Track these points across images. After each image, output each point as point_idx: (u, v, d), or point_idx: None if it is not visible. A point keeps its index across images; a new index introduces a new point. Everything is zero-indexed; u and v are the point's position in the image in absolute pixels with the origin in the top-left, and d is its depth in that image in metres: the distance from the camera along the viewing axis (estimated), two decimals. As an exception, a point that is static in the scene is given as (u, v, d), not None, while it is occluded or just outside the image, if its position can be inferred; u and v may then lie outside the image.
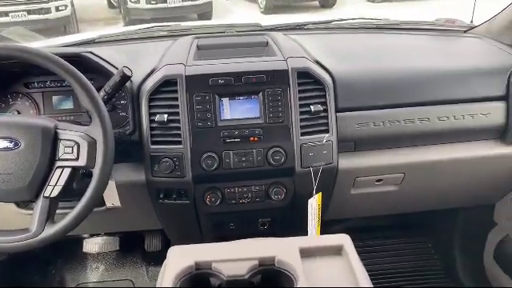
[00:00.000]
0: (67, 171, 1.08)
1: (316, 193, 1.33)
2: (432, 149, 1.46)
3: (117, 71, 1.23)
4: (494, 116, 1.43)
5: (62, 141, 1.08)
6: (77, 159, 1.08)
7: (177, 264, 0.77)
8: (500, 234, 1.78)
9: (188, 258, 0.77)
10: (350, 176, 1.43)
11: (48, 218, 1.09)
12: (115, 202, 1.35)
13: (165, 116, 1.27)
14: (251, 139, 1.29)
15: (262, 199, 1.37)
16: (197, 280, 0.77)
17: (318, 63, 1.40)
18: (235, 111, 1.31)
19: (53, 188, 1.08)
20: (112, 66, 1.33)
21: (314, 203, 1.34)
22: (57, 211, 1.13)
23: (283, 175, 1.34)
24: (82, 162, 1.08)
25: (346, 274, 0.77)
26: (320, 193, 1.34)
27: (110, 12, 10.70)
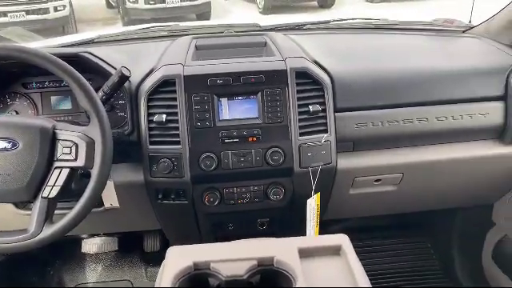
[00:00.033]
0: (65, 172, 1.08)
1: (315, 193, 1.33)
2: (431, 149, 1.46)
3: (115, 71, 1.23)
4: (493, 116, 1.43)
5: (61, 141, 1.08)
6: (75, 160, 1.08)
7: (175, 264, 0.77)
8: (498, 234, 1.78)
9: (187, 259, 0.77)
10: (349, 176, 1.44)
11: (46, 219, 1.09)
12: (114, 203, 1.35)
13: (163, 116, 1.27)
14: (250, 139, 1.29)
15: (261, 199, 1.37)
16: (195, 280, 0.77)
17: (317, 63, 1.40)
18: (234, 111, 1.31)
19: (51, 188, 1.08)
20: (110, 66, 1.33)
21: (313, 203, 1.34)
22: (55, 212, 1.13)
23: (282, 175, 1.34)
24: (81, 163, 1.07)
25: (345, 274, 0.77)
26: (319, 193, 1.34)
27: (109, 12, 10.69)
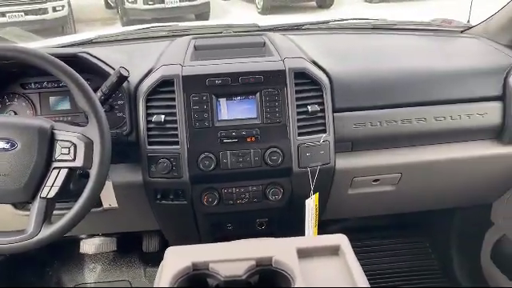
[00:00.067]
0: (64, 172, 1.08)
1: (313, 193, 1.33)
2: (429, 149, 1.46)
3: (114, 72, 1.23)
4: (491, 116, 1.43)
5: (59, 141, 1.08)
6: (73, 160, 1.07)
7: (174, 265, 0.77)
8: (497, 234, 1.78)
9: (185, 259, 0.77)
10: (348, 176, 1.44)
11: (45, 219, 1.09)
12: (112, 203, 1.35)
13: (162, 116, 1.27)
14: (248, 139, 1.29)
15: (260, 199, 1.37)
16: (194, 280, 0.77)
17: (315, 63, 1.40)
18: (232, 111, 1.31)
19: (49, 189, 1.08)
20: (109, 67, 1.33)
21: (312, 203, 1.34)
22: (54, 212, 1.12)
23: (280, 175, 1.34)
24: (79, 163, 1.07)
25: (343, 274, 0.77)
26: (317, 193, 1.34)
27: (108, 12, 10.68)
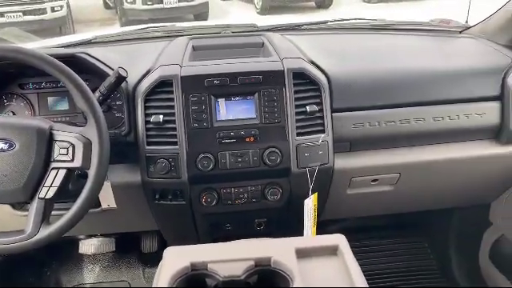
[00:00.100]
0: (62, 172, 1.08)
1: (312, 193, 1.33)
2: (427, 149, 1.46)
3: (112, 72, 1.23)
4: (489, 116, 1.43)
5: (57, 142, 1.08)
6: (72, 160, 1.07)
7: (173, 265, 0.77)
8: (495, 234, 1.79)
9: (184, 259, 0.77)
10: (346, 176, 1.44)
11: (43, 220, 1.09)
12: (111, 203, 1.35)
13: (160, 117, 1.27)
14: (247, 140, 1.29)
15: (258, 200, 1.37)
16: (193, 281, 0.77)
17: (314, 64, 1.40)
18: (231, 112, 1.31)
19: (48, 189, 1.08)
20: (107, 67, 1.33)
21: (310, 203, 1.34)
22: (52, 212, 1.12)
23: (279, 175, 1.34)
24: (78, 163, 1.07)
25: (342, 274, 0.77)
26: (316, 193, 1.34)
27: (106, 13, 10.68)
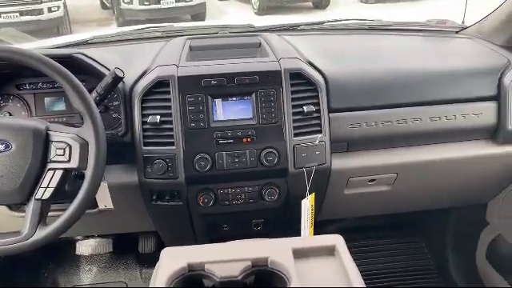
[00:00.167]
0: (59, 173, 1.08)
1: (309, 193, 1.33)
2: (425, 149, 1.46)
3: (109, 72, 1.22)
4: (486, 116, 1.44)
5: (54, 142, 1.08)
6: (68, 161, 1.07)
7: (169, 265, 0.77)
8: (492, 234, 1.79)
9: (181, 260, 0.77)
10: (343, 176, 1.44)
11: (40, 221, 1.08)
12: (108, 204, 1.35)
13: (157, 117, 1.27)
14: (244, 140, 1.29)
15: (255, 200, 1.37)
16: (190, 281, 0.77)
17: (311, 64, 1.40)
18: (228, 112, 1.31)
19: (44, 190, 1.07)
20: (104, 67, 1.32)
21: (307, 204, 1.34)
22: (49, 213, 1.12)
23: (276, 176, 1.34)
24: (74, 164, 1.07)
25: (339, 275, 0.77)
26: (313, 193, 1.34)
27: (103, 13, 10.67)
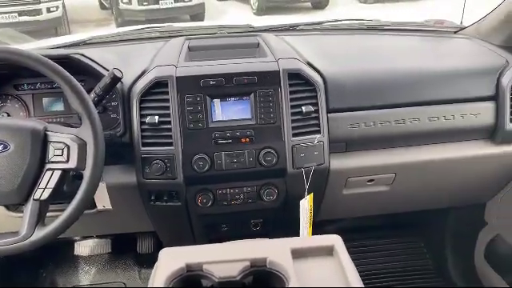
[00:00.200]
0: (57, 174, 1.08)
1: (308, 193, 1.33)
2: (423, 149, 1.46)
3: (107, 73, 1.22)
4: (484, 116, 1.44)
5: (52, 143, 1.08)
6: (67, 161, 1.07)
7: (168, 266, 0.76)
8: (491, 234, 1.79)
9: (179, 260, 0.77)
10: (342, 176, 1.44)
11: (38, 221, 1.08)
12: (106, 205, 1.35)
13: (156, 117, 1.27)
14: (243, 140, 1.29)
15: (254, 200, 1.37)
16: (188, 282, 0.77)
17: (310, 64, 1.40)
18: (227, 112, 1.31)
19: (43, 191, 1.07)
20: (102, 68, 1.32)
21: (306, 204, 1.34)
22: (47, 214, 1.12)
23: (275, 176, 1.34)
24: (72, 165, 1.07)
25: (337, 275, 0.77)
26: (312, 193, 1.34)
27: (102, 13, 10.66)
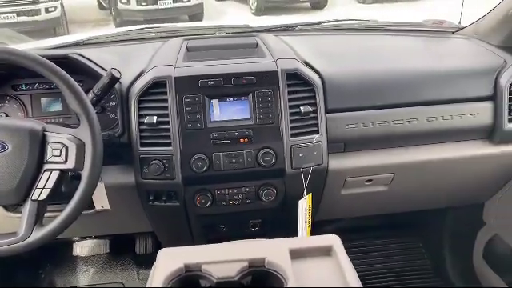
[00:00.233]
0: (55, 174, 1.07)
1: (306, 194, 1.34)
2: (421, 149, 1.47)
3: (105, 73, 1.22)
4: (482, 116, 1.44)
5: (50, 143, 1.08)
6: (65, 162, 1.07)
7: (166, 266, 0.77)
8: (489, 233, 1.80)
9: (177, 260, 0.77)
10: (340, 176, 1.44)
11: (36, 222, 1.08)
12: (104, 205, 1.35)
13: (154, 118, 1.27)
14: (241, 140, 1.29)
15: (253, 200, 1.37)
16: (187, 282, 0.77)
17: (308, 64, 1.40)
18: (225, 112, 1.31)
19: (41, 191, 1.07)
20: (101, 68, 1.32)
21: (305, 204, 1.35)
22: (45, 214, 1.12)
23: (273, 176, 1.34)
24: (71, 165, 1.07)
25: (336, 275, 0.78)
26: (310, 194, 1.34)
27: (101, 13, 10.66)
